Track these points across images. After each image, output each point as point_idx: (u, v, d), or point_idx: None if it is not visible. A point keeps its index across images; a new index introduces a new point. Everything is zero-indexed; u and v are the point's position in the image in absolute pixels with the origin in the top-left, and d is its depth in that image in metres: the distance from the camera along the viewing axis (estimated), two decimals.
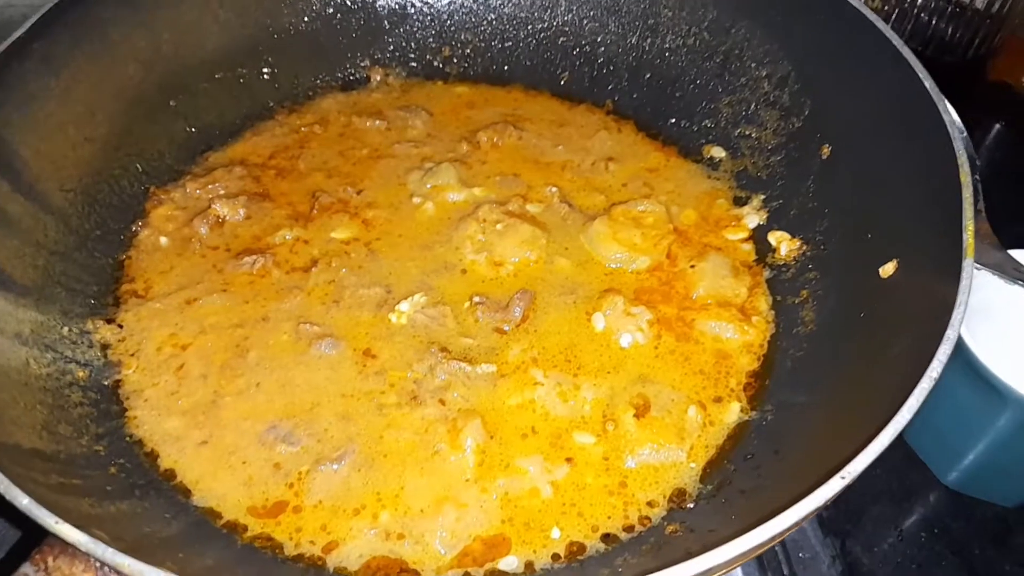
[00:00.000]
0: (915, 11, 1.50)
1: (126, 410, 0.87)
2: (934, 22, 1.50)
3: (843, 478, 0.59)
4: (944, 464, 1.04)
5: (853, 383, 0.81)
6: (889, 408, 0.66)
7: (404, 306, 0.97)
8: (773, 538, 0.58)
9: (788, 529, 0.59)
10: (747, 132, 1.15)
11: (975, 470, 1.00)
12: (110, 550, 0.55)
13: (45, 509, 0.57)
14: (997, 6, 1.41)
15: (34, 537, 0.61)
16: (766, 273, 1.03)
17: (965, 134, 0.93)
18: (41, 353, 0.85)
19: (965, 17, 1.45)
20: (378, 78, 1.28)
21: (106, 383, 0.89)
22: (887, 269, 0.87)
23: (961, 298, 0.70)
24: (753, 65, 1.14)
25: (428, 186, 1.12)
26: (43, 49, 0.96)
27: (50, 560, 0.59)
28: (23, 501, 0.57)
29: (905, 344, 0.77)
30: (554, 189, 1.12)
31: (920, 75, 0.89)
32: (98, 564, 0.58)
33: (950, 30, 1.49)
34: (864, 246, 0.92)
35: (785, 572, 0.94)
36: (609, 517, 0.81)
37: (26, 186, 0.92)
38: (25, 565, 0.59)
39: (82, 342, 0.91)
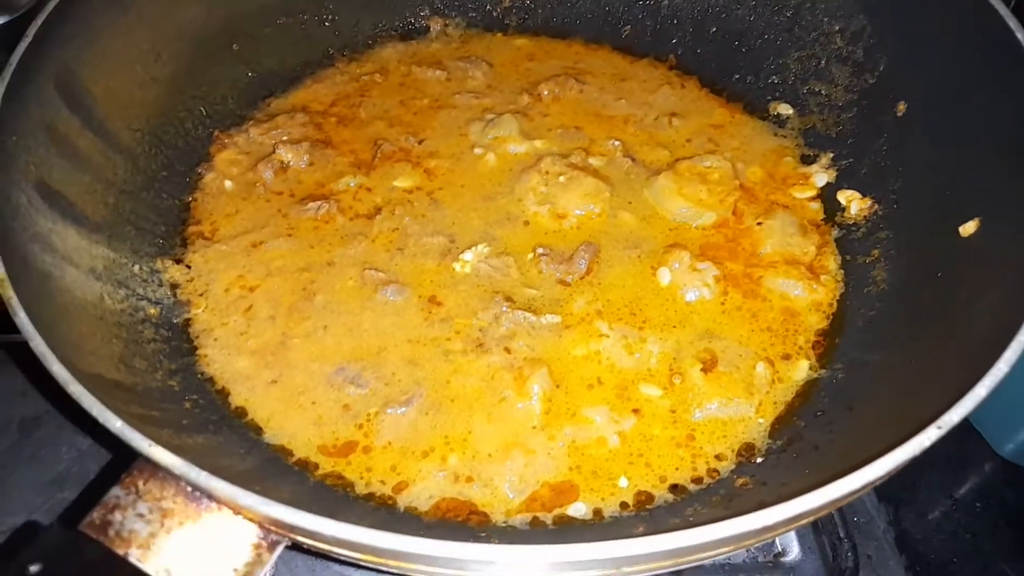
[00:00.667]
0: None
1: (196, 348, 0.88)
2: None
3: (939, 428, 0.58)
4: (1000, 435, 1.02)
5: (932, 341, 0.80)
6: (979, 364, 0.64)
7: (468, 255, 0.97)
8: (865, 486, 0.57)
9: (880, 477, 0.58)
10: (816, 89, 1.12)
11: None
12: (204, 473, 0.56)
13: (138, 432, 0.57)
14: None
15: (123, 461, 0.61)
16: (835, 232, 1.01)
17: None
18: (114, 289, 0.85)
19: None
20: (438, 28, 1.26)
21: (176, 321, 0.90)
22: (968, 228, 0.84)
23: None
24: (825, 19, 1.11)
25: (489, 137, 1.11)
26: None
27: (140, 484, 0.60)
28: (116, 424, 0.58)
29: (988, 302, 0.75)
30: (617, 143, 1.10)
31: (1012, 27, 0.86)
32: (189, 488, 0.59)
33: None
34: (942, 205, 0.90)
35: (841, 534, 0.94)
36: (677, 468, 0.81)
37: (96, 123, 0.93)
38: (115, 488, 0.60)
39: (152, 280, 0.91)
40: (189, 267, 0.95)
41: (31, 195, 0.79)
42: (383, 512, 0.76)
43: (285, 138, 1.08)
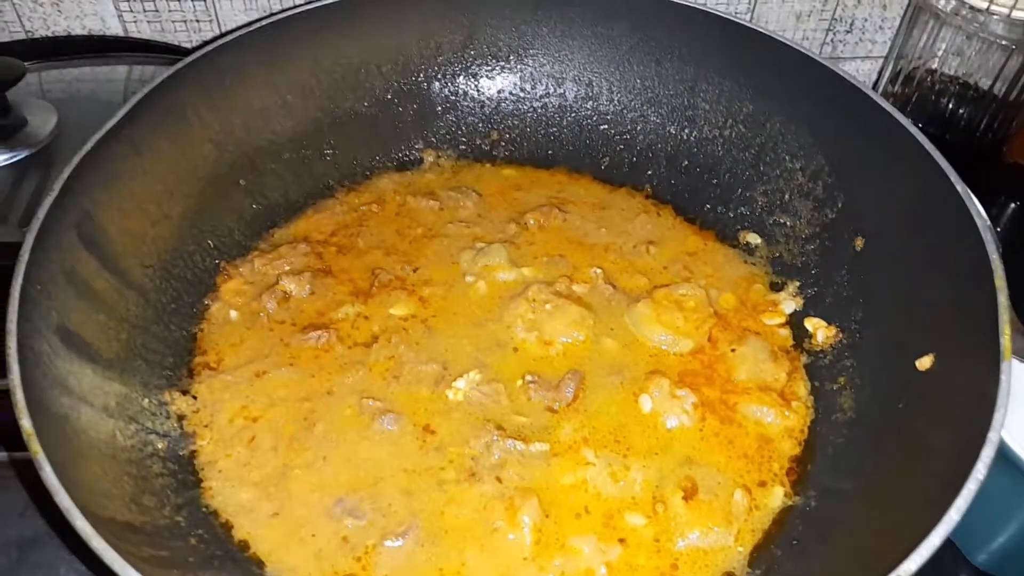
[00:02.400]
0: (934, 96, 1.58)
1: (201, 480, 0.92)
2: (951, 106, 1.57)
3: None
4: (974, 545, 1.06)
5: (895, 474, 0.85)
6: (935, 507, 0.70)
7: (460, 383, 1.02)
8: None
9: None
10: (782, 220, 1.21)
11: (1005, 552, 1.02)
12: None
13: None
14: (1015, 93, 1.49)
15: None
16: (804, 359, 1.08)
17: (993, 231, 0.99)
18: (126, 425, 0.89)
19: (984, 102, 1.53)
20: (430, 159, 1.35)
21: (182, 453, 0.94)
22: (924, 362, 0.91)
23: (1001, 400, 0.75)
24: (787, 157, 1.21)
25: (480, 265, 1.18)
26: (131, 133, 1.03)
27: None
28: None
29: (946, 438, 0.81)
30: (598, 271, 1.18)
31: (949, 175, 0.95)
32: None
33: (967, 114, 1.57)
34: (900, 338, 0.97)
35: None
36: None
37: (111, 263, 0.98)
38: None
39: (161, 413, 0.96)
40: (195, 398, 0.99)
41: (52, 340, 0.84)
42: None
43: (287, 268, 1.14)
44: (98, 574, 0.95)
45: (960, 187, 0.95)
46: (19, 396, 0.72)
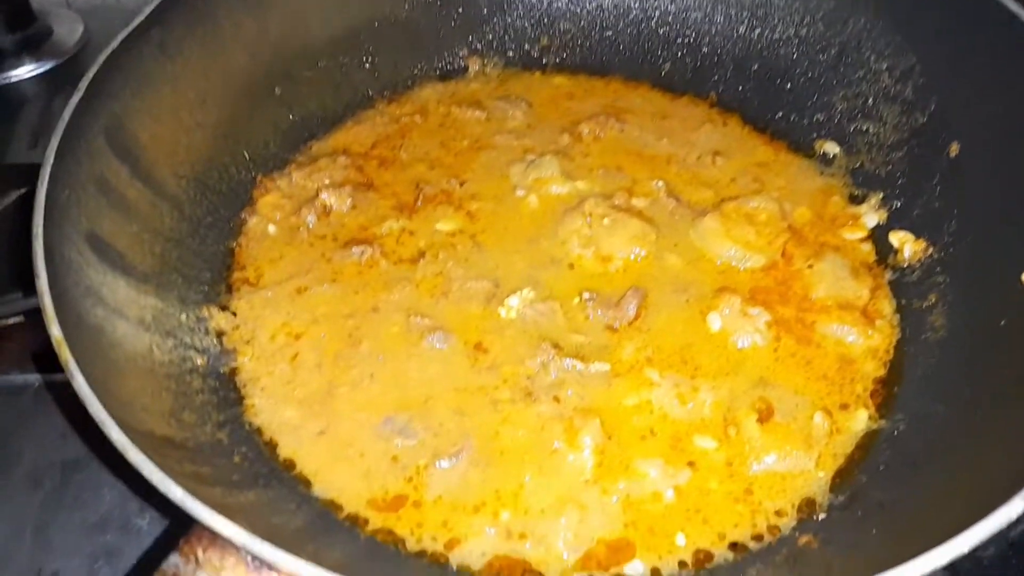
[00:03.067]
0: None
1: (244, 398, 0.87)
2: None
3: None
4: None
5: (999, 396, 0.77)
6: None
7: (513, 300, 0.95)
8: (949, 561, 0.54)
9: (961, 554, 0.55)
10: (864, 127, 1.10)
11: None
12: (267, 545, 0.54)
13: (199, 501, 0.56)
14: None
15: (181, 527, 0.60)
16: (888, 275, 0.99)
17: None
18: (163, 339, 0.85)
19: None
20: (476, 68, 1.26)
21: (223, 370, 0.89)
22: None
23: None
24: (872, 57, 1.09)
25: (531, 178, 1.10)
26: (160, 35, 0.97)
27: (199, 552, 0.59)
28: (177, 493, 0.57)
29: None
30: (660, 183, 1.09)
31: None
32: (249, 557, 0.58)
33: None
34: (1002, 249, 0.88)
35: None
36: (736, 525, 0.78)
37: (144, 172, 0.93)
38: (173, 556, 0.59)
39: (199, 329, 0.91)
40: (235, 314, 0.95)
41: (83, 248, 0.79)
42: (435, 571, 0.75)
43: (327, 181, 1.08)
44: (141, 493, 0.93)
45: None
46: (47, 302, 0.68)
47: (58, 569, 0.91)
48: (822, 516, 0.79)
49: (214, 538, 0.59)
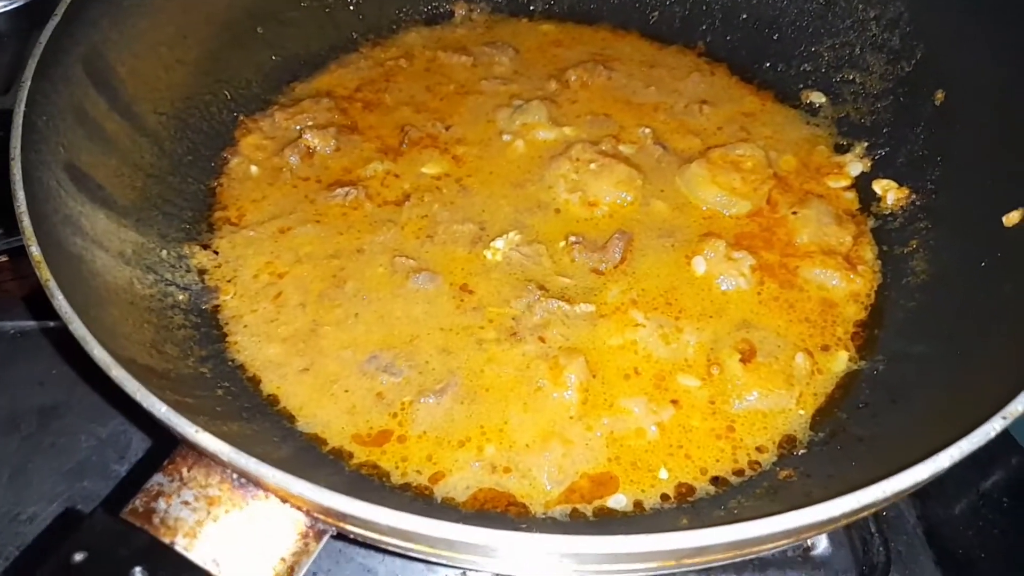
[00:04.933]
0: None
1: (226, 335, 0.87)
2: None
3: (1004, 419, 0.57)
4: None
5: (978, 335, 0.78)
6: None
7: (499, 243, 0.95)
8: (933, 475, 0.55)
9: (943, 469, 0.56)
10: (850, 77, 1.10)
11: None
12: (253, 460, 0.54)
13: (184, 417, 0.56)
14: None
15: (164, 447, 0.60)
16: (871, 222, 1.00)
17: None
18: (144, 274, 0.84)
19: None
20: (462, 13, 1.24)
21: (205, 307, 0.88)
22: (1012, 217, 0.83)
23: None
24: (860, 6, 1.09)
25: (517, 124, 1.09)
26: None
27: (184, 471, 0.58)
28: (161, 409, 0.56)
29: None
30: (647, 130, 1.09)
31: None
32: (234, 476, 0.58)
33: None
34: (984, 194, 0.88)
35: (872, 529, 0.92)
36: (717, 460, 0.79)
37: (123, 105, 0.91)
38: (157, 475, 0.59)
39: (180, 266, 0.90)
40: (216, 253, 0.93)
41: (61, 177, 0.78)
42: (420, 503, 0.75)
43: (311, 123, 1.06)
44: (139, 426, 0.92)
45: None
46: (26, 223, 0.66)
47: (36, 513, 0.90)
48: (802, 451, 0.80)
49: (199, 457, 0.58)
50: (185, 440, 0.56)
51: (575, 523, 0.75)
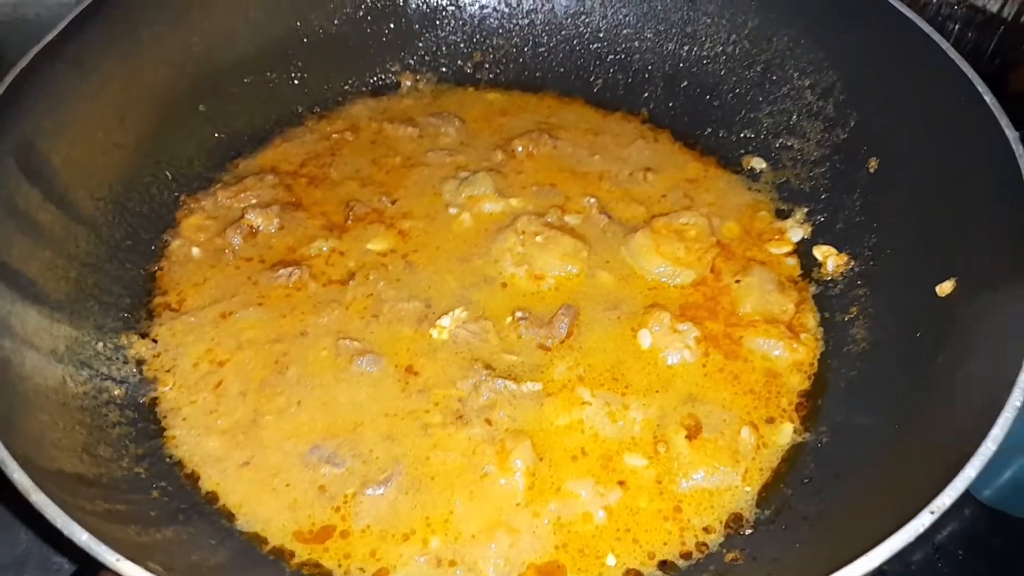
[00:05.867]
0: (940, 19, 1.47)
1: (164, 429, 0.85)
2: (957, 30, 1.47)
3: (932, 513, 0.57)
4: (980, 480, 1.00)
5: (916, 408, 0.79)
6: (966, 438, 0.64)
7: (445, 321, 0.94)
8: None
9: (871, 570, 0.57)
10: (789, 143, 1.13)
11: (1012, 487, 0.98)
12: None
13: (105, 545, 0.54)
14: None
15: (89, 570, 0.58)
16: (813, 288, 1.01)
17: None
18: (77, 370, 0.82)
19: (990, 26, 1.43)
20: (408, 83, 1.25)
21: (142, 401, 0.86)
22: (944, 288, 0.84)
23: None
24: (796, 74, 1.12)
25: (464, 196, 1.09)
26: (74, 51, 0.93)
27: None
28: (82, 537, 0.54)
29: (970, 369, 0.75)
30: (592, 200, 1.09)
31: (976, 85, 0.87)
32: None
33: (973, 39, 1.47)
34: (918, 262, 0.90)
35: None
36: (665, 543, 0.79)
37: (57, 195, 0.89)
38: None
39: (117, 358, 0.88)
40: (155, 341, 0.91)
41: None
42: None
43: (254, 201, 1.05)
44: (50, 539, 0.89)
45: (989, 97, 0.86)
46: None
47: None
48: (749, 531, 0.80)
49: None
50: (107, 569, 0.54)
51: None
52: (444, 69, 1.27)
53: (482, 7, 1.26)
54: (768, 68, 1.14)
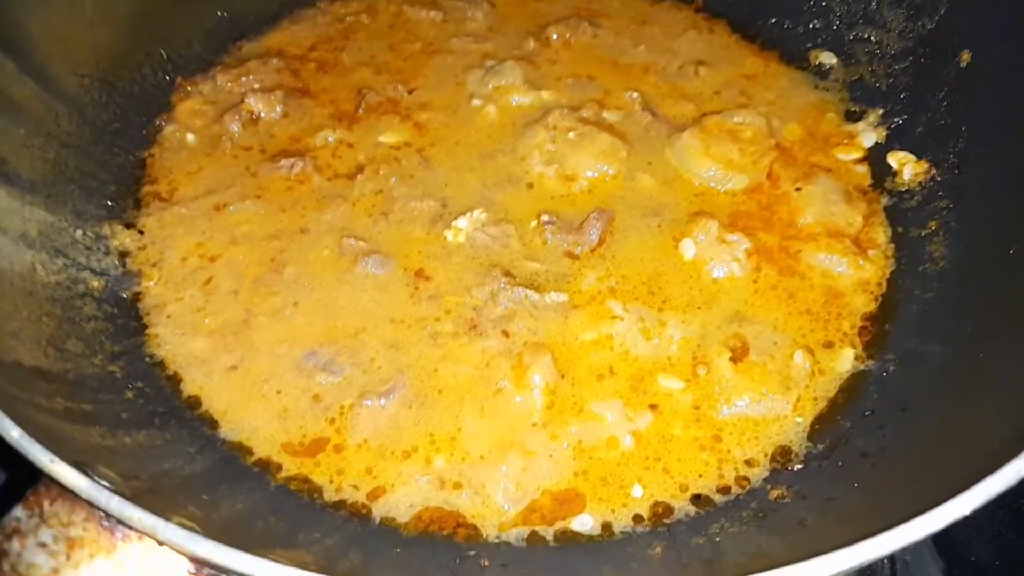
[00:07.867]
0: None
1: (146, 327, 0.77)
2: None
3: None
4: None
5: (1003, 334, 0.67)
6: None
7: (462, 222, 0.85)
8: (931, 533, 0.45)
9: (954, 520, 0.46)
10: (865, 35, 0.98)
11: None
12: (115, 498, 0.44)
13: (39, 445, 0.46)
14: None
15: (29, 476, 0.50)
16: (885, 200, 0.89)
17: None
18: (50, 258, 0.74)
19: None
20: None
21: (124, 295, 0.79)
22: None
23: None
24: None
25: (490, 87, 0.98)
26: None
27: (46, 504, 0.49)
28: (13, 434, 0.47)
29: None
30: (635, 95, 0.97)
31: None
32: (101, 514, 0.48)
33: None
34: (1014, 170, 0.77)
35: None
36: (700, 475, 0.69)
37: (36, 68, 0.81)
38: (17, 508, 0.49)
39: (98, 248, 0.80)
40: (142, 232, 0.83)
41: None
42: (355, 524, 0.66)
43: (256, 86, 0.96)
44: None
45: None
46: None
47: None
48: (798, 466, 0.70)
49: (64, 490, 0.49)
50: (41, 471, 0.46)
51: (532, 548, 0.65)
52: None
53: None
54: None
